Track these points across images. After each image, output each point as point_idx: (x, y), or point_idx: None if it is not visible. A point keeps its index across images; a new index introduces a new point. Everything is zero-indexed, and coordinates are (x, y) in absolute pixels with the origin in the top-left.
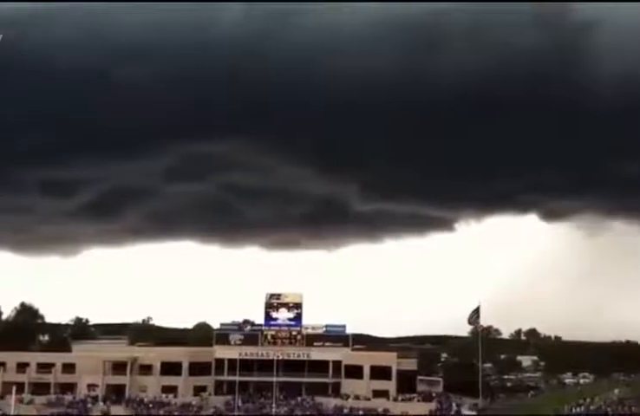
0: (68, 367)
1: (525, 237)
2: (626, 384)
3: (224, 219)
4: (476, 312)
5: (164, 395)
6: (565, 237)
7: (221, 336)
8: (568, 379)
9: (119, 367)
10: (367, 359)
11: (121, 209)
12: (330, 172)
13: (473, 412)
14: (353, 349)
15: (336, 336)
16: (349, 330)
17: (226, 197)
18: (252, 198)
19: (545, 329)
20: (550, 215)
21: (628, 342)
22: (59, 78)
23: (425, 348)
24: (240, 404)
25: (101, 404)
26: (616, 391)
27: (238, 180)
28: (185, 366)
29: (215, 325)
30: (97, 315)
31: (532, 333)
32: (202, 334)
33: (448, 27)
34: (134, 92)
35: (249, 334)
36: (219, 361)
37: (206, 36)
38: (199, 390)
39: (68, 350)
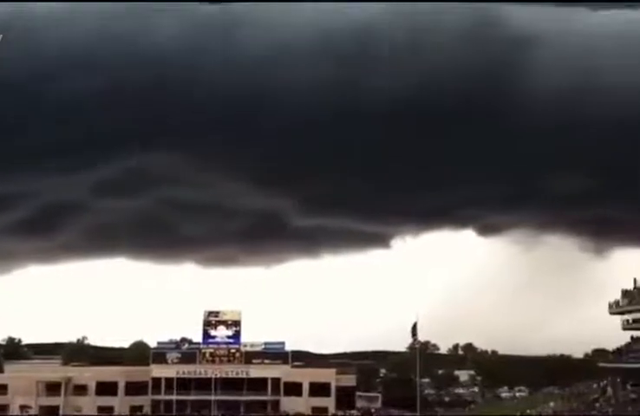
0: (0, 388)
1: (462, 252)
2: (560, 397)
3: (160, 235)
4: (414, 328)
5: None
6: (502, 252)
7: (158, 355)
8: (504, 393)
9: (53, 388)
10: (306, 376)
11: (55, 225)
12: (269, 187)
13: None
14: (292, 366)
15: (274, 353)
16: (288, 347)
17: (163, 212)
18: (189, 214)
19: (482, 344)
20: (486, 230)
21: (562, 356)
22: None
23: (364, 364)
24: None
25: None
26: (551, 404)
27: (175, 195)
28: (121, 385)
29: (152, 344)
30: (30, 335)
31: (470, 347)
32: (139, 353)
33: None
34: (69, 104)
35: (186, 352)
36: (156, 380)
37: (143, 48)
38: (135, 410)
39: (0, 371)
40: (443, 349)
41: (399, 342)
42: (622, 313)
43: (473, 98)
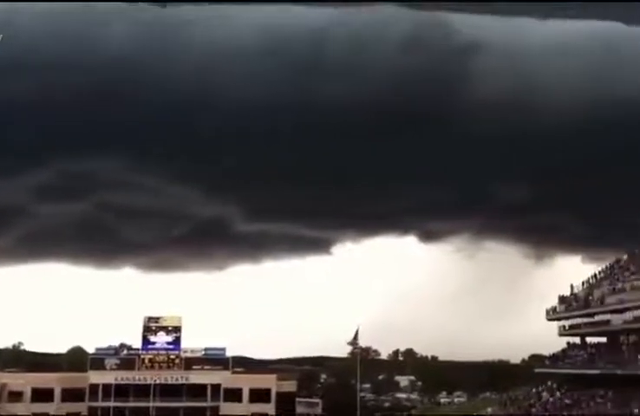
0: None
1: (403, 258)
2: (498, 403)
3: (100, 240)
4: (355, 334)
5: None
6: (443, 259)
7: (96, 361)
8: (443, 398)
9: None
10: (246, 381)
11: None
12: (213, 192)
13: None
14: (232, 372)
15: (215, 359)
16: (229, 353)
17: (104, 216)
18: (132, 218)
19: (423, 350)
20: (428, 236)
21: (500, 362)
22: None
23: (305, 370)
24: None
25: None
26: (489, 409)
27: (116, 199)
28: (57, 392)
29: (90, 350)
30: None
31: (410, 353)
32: (76, 359)
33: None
34: (9, 105)
35: (125, 358)
36: (94, 387)
37: (86, 49)
38: None
39: None
40: (384, 355)
41: (340, 348)
42: (559, 319)
43: (419, 105)
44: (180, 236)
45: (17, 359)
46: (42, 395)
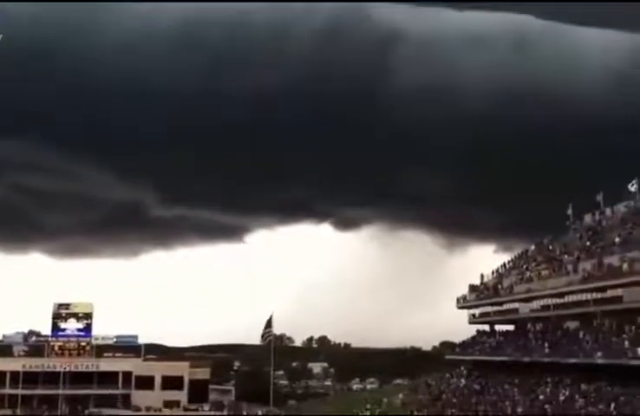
0: None
1: (318, 246)
2: (409, 388)
3: (7, 223)
4: (268, 323)
5: None
6: (358, 247)
7: (3, 348)
8: (356, 384)
9: None
10: (159, 369)
11: None
12: (128, 177)
13: None
14: (145, 359)
15: (127, 347)
16: (142, 341)
17: (13, 199)
18: (43, 202)
19: (336, 337)
20: (343, 225)
21: (412, 348)
22: None
23: (218, 357)
24: None
25: None
26: (400, 395)
27: (27, 182)
28: None
29: None
30: None
31: (324, 340)
32: None
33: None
34: None
35: (34, 345)
36: (1, 374)
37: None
38: None
39: None
40: (298, 342)
41: (254, 336)
42: (469, 307)
43: (337, 95)
44: (92, 220)
45: None
46: None
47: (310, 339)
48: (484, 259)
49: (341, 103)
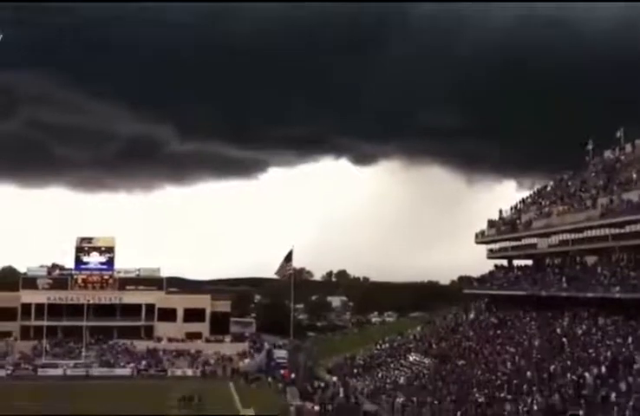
0: None
1: (337, 182)
2: (427, 321)
3: (25, 158)
4: (289, 256)
5: None
6: (377, 182)
7: (28, 281)
8: (374, 318)
9: None
10: (181, 302)
11: None
12: (144, 112)
13: (284, 351)
14: (167, 292)
15: (149, 280)
16: (164, 274)
17: (31, 134)
18: (61, 137)
19: (355, 271)
20: (362, 160)
21: (429, 282)
22: None
23: (239, 290)
24: (48, 348)
25: None
26: (418, 328)
27: (43, 117)
28: None
29: (22, 269)
30: None
31: (343, 274)
32: (7, 279)
33: None
34: None
35: (58, 278)
36: (26, 306)
37: None
38: (3, 336)
39: None
40: (317, 276)
41: (274, 270)
42: (487, 242)
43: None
44: (108, 155)
45: None
46: None
47: (330, 273)
48: (503, 195)
49: (357, 36)
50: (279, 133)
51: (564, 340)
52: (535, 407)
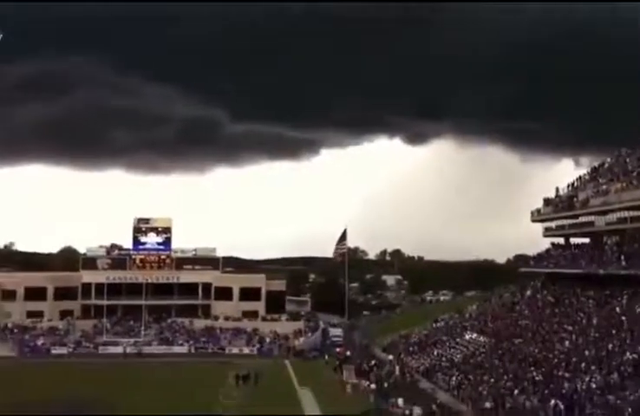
0: None
1: (390, 160)
2: (482, 300)
3: (83, 141)
4: (343, 236)
5: (29, 320)
6: (431, 161)
7: (88, 261)
8: (429, 296)
9: None
10: (236, 281)
11: None
12: (198, 93)
13: (339, 329)
14: (223, 272)
15: (205, 259)
16: (220, 253)
17: (87, 117)
18: (116, 120)
19: (409, 250)
20: (414, 139)
21: (485, 261)
22: None
23: (294, 270)
24: (109, 327)
25: None
26: (473, 307)
27: (99, 100)
28: (50, 291)
29: (81, 250)
30: None
31: (397, 253)
32: (68, 259)
33: None
34: None
35: (117, 258)
36: (86, 286)
37: None
38: (65, 314)
39: None
40: (371, 255)
41: (328, 249)
42: (543, 220)
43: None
44: (162, 137)
45: (9, 258)
46: (35, 294)
47: (384, 252)
48: (560, 174)
49: (408, 21)
50: (332, 113)
51: (622, 318)
52: (594, 385)
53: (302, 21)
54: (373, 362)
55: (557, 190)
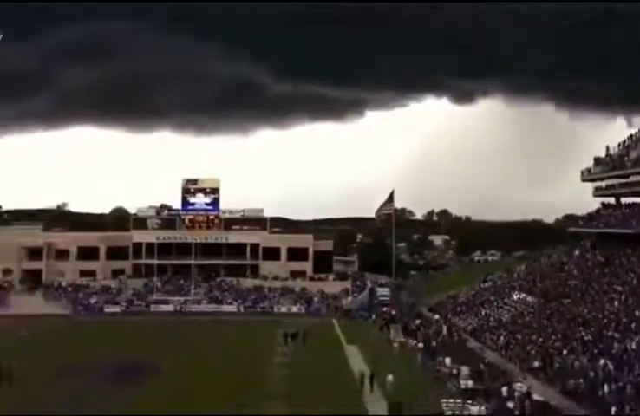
0: None
1: (437, 119)
2: (531, 260)
3: (130, 104)
4: (390, 197)
5: (82, 279)
6: (477, 119)
7: (138, 221)
8: (477, 256)
9: (34, 253)
10: (284, 241)
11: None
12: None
13: (386, 289)
14: (271, 232)
15: (253, 220)
16: (267, 214)
17: (132, 80)
18: (160, 82)
19: (456, 210)
20: (461, 98)
21: (534, 221)
22: None
23: (341, 230)
24: (159, 285)
25: (18, 286)
26: (522, 267)
27: (141, 62)
28: (102, 250)
29: (132, 210)
30: (10, 201)
31: (444, 213)
32: (119, 219)
33: None
34: None
35: (166, 218)
36: (137, 245)
37: None
38: (117, 273)
39: None
40: (418, 215)
41: (376, 209)
42: (593, 180)
43: None
44: (205, 98)
45: (62, 219)
46: (87, 253)
47: (431, 212)
48: (610, 133)
49: None
50: (377, 73)
51: None
52: None
53: None
54: (419, 322)
55: (607, 149)
